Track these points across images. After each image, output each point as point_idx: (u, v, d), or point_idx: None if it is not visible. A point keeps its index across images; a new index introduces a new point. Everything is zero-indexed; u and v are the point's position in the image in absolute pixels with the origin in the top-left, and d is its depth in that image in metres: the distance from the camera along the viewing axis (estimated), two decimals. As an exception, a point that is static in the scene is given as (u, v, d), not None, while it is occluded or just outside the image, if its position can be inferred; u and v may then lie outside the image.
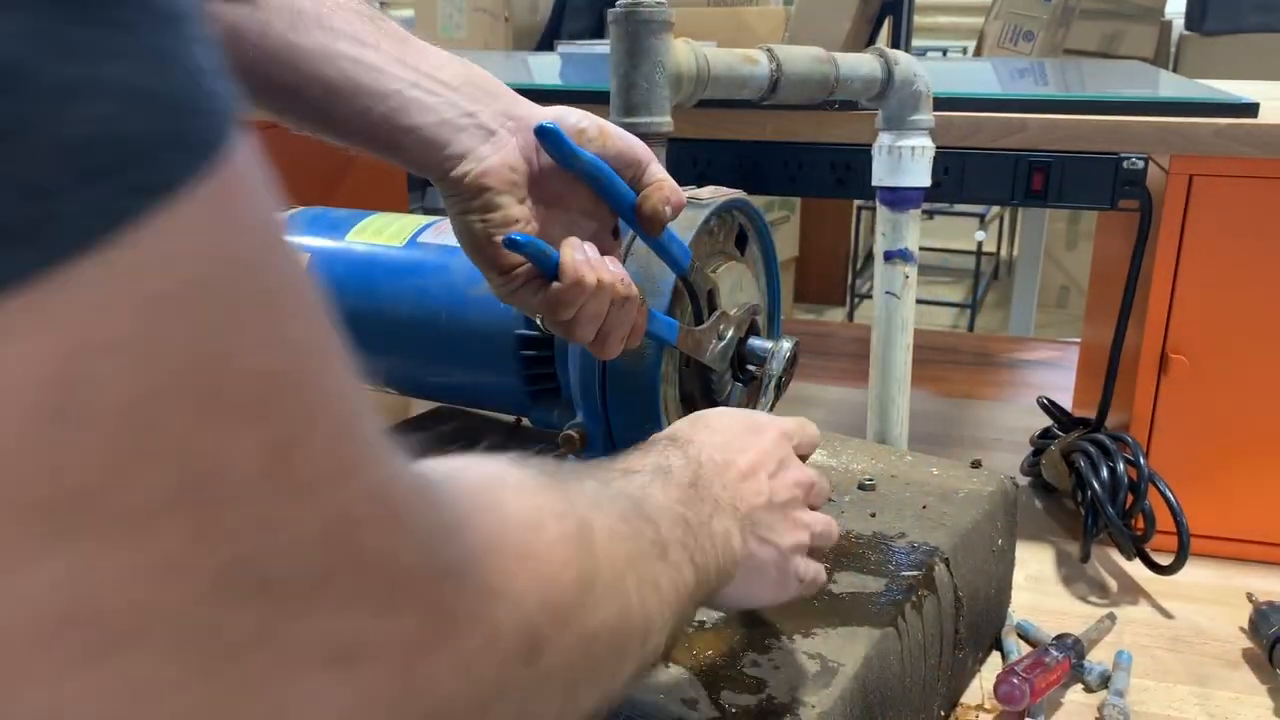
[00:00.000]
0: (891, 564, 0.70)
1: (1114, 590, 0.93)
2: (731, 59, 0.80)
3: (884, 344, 0.96)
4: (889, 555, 0.70)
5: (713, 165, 1.01)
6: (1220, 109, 0.90)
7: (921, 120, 0.89)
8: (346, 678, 0.23)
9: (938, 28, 4.21)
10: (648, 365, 0.70)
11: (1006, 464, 1.18)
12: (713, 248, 0.79)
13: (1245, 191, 0.90)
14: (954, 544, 0.72)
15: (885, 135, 0.90)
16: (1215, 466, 0.96)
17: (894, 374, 0.96)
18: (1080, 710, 0.78)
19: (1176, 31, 2.97)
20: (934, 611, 0.68)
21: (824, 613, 0.64)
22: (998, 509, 0.79)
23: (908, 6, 1.39)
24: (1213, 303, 0.92)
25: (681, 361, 0.74)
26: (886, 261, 0.94)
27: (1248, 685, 0.81)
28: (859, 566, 0.69)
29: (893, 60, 0.87)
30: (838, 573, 0.68)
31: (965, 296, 3.68)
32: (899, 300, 0.94)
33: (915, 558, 0.70)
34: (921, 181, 0.90)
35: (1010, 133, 0.93)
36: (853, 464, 0.84)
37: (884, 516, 0.76)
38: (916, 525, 0.74)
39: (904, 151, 0.89)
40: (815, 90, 0.84)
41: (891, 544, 0.72)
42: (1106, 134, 0.91)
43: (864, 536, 0.73)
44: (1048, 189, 0.94)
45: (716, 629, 0.61)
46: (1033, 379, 1.53)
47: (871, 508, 0.77)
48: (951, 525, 0.74)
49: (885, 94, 0.88)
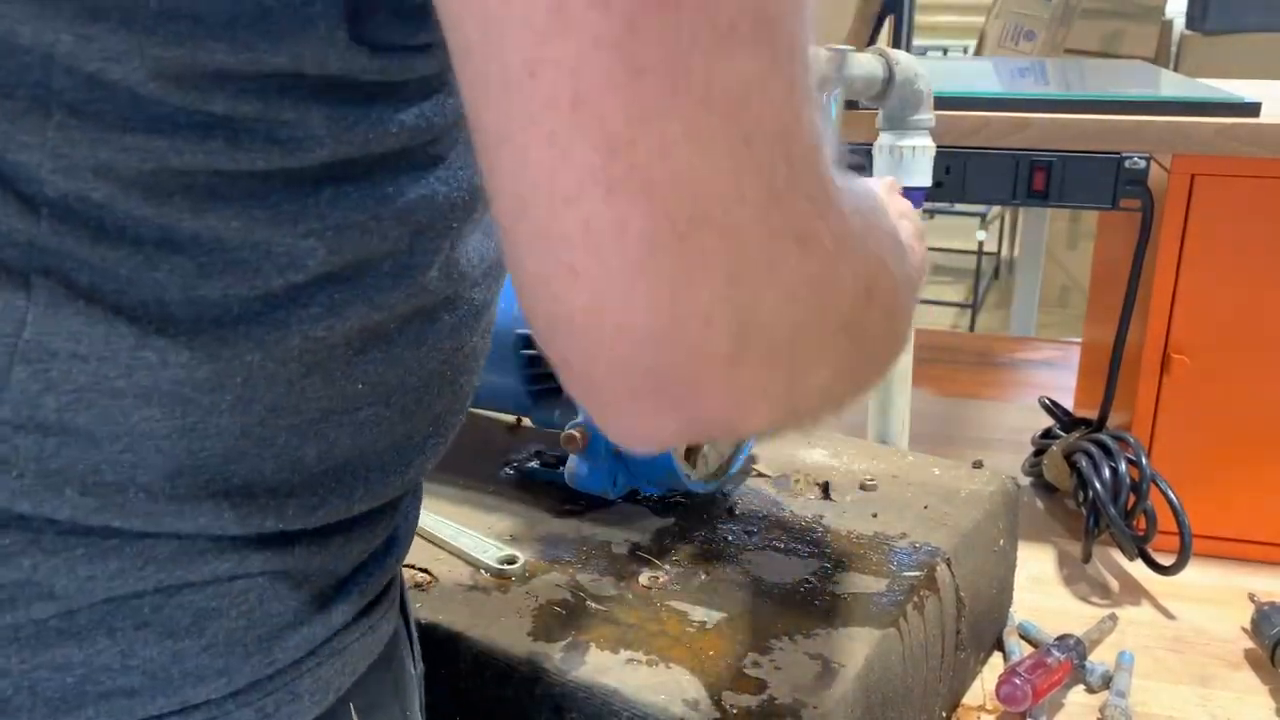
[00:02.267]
0: (893, 564, 0.69)
1: (1116, 591, 0.93)
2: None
3: None
4: (890, 555, 0.70)
5: (713, 165, 1.01)
6: (1222, 108, 0.90)
7: (922, 120, 0.89)
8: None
9: (938, 27, 4.20)
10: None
11: (1008, 464, 1.18)
12: None
13: (1247, 191, 0.90)
14: (955, 544, 0.71)
15: (886, 135, 0.90)
16: (1217, 466, 0.96)
17: (894, 374, 0.95)
18: (1082, 711, 0.77)
19: (1177, 31, 2.96)
20: (935, 612, 0.67)
21: (825, 613, 0.63)
22: (999, 509, 0.79)
23: (908, 6, 1.39)
24: (1214, 302, 0.92)
25: None
26: None
27: (1249, 685, 0.81)
28: (861, 567, 0.69)
29: (893, 60, 0.86)
30: (839, 573, 0.68)
31: (966, 296, 3.68)
32: None
33: (917, 558, 0.70)
34: (923, 181, 0.89)
35: (1012, 132, 0.93)
36: (854, 464, 0.83)
37: (885, 516, 0.75)
38: (918, 525, 0.74)
39: (905, 151, 0.89)
40: (821, 86, 0.83)
41: (893, 544, 0.71)
42: (1108, 133, 0.91)
43: (865, 537, 0.72)
44: (1049, 188, 0.94)
45: (718, 629, 0.61)
46: (1034, 379, 1.53)
47: (873, 508, 0.76)
48: (953, 526, 0.74)
49: (886, 93, 0.87)
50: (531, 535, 0.73)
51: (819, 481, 0.80)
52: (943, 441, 1.25)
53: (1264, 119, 0.89)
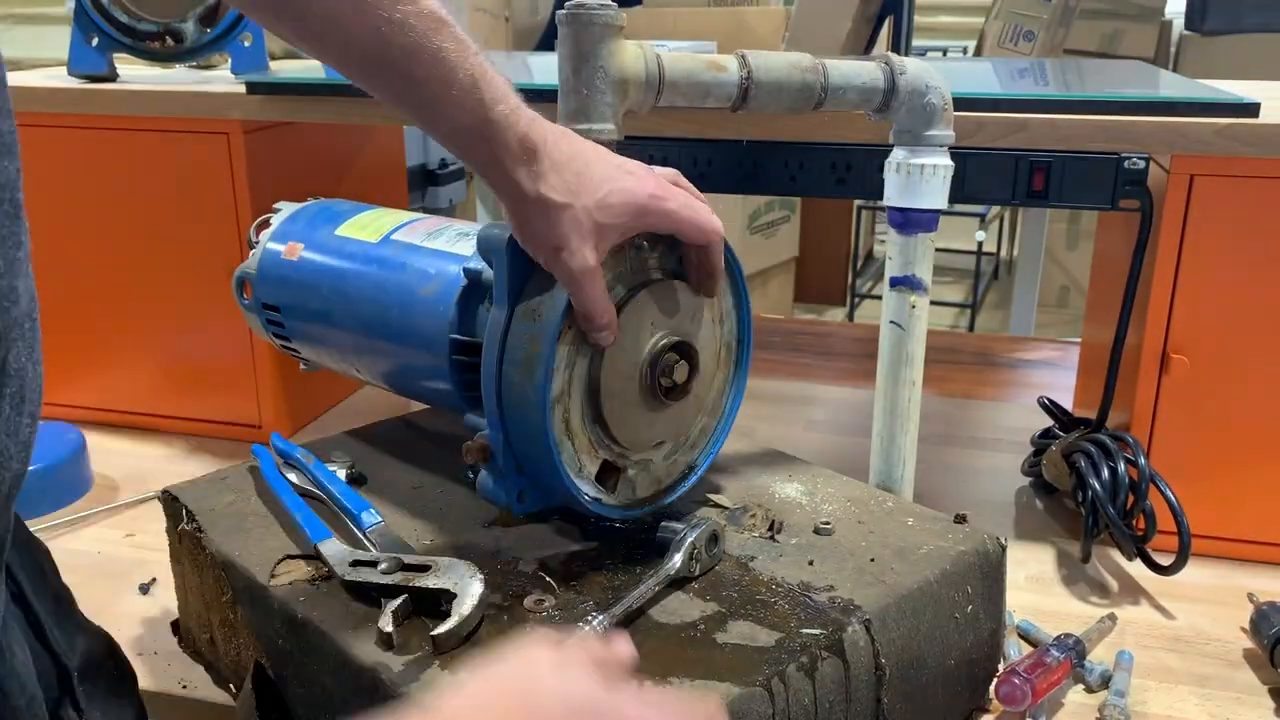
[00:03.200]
0: (797, 619, 0.63)
1: (1115, 590, 0.93)
2: (693, 65, 0.74)
3: (889, 378, 0.88)
4: (799, 609, 0.64)
5: (713, 165, 1.01)
6: (1221, 109, 0.90)
7: (938, 136, 0.82)
8: None
9: (938, 28, 4.21)
10: (536, 381, 0.64)
11: (1007, 464, 1.18)
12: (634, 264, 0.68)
13: (1246, 191, 0.90)
14: (885, 605, 0.64)
15: (898, 151, 0.83)
16: (1216, 466, 0.96)
17: (899, 411, 0.88)
18: (1081, 710, 0.78)
19: (1176, 31, 2.97)
20: (835, 677, 0.61)
21: (694, 661, 0.59)
22: (967, 571, 0.70)
23: (908, 6, 1.39)
24: (1214, 302, 0.92)
25: (588, 384, 0.67)
26: (892, 288, 0.86)
27: (1249, 685, 0.81)
28: (759, 616, 0.63)
29: (898, 69, 0.79)
30: (731, 621, 0.63)
31: (965, 296, 3.68)
32: (904, 332, 0.87)
33: (827, 615, 0.63)
34: (936, 204, 0.83)
35: (1011, 132, 0.93)
36: (825, 504, 0.77)
37: (822, 566, 0.69)
38: (852, 580, 0.67)
39: (918, 170, 0.82)
40: (795, 100, 0.77)
41: (811, 597, 0.65)
42: (1107, 134, 0.91)
43: (784, 586, 0.66)
44: (1048, 189, 0.94)
45: None
46: (1033, 379, 1.53)
47: (814, 555, 0.70)
48: (892, 584, 0.66)
49: (889, 105, 0.81)
50: (446, 542, 0.72)
51: (772, 519, 0.74)
52: (942, 441, 1.25)
53: (1263, 119, 0.89)
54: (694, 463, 0.76)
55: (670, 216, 0.64)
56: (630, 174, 0.64)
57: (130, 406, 1.25)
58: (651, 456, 0.73)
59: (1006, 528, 1.05)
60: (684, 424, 0.74)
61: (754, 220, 3.08)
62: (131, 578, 0.93)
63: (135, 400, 1.24)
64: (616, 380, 0.67)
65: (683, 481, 0.75)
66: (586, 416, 0.68)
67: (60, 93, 1.15)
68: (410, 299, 0.76)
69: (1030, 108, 0.93)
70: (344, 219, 0.86)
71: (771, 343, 1.67)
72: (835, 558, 0.69)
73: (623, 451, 0.70)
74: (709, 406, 0.76)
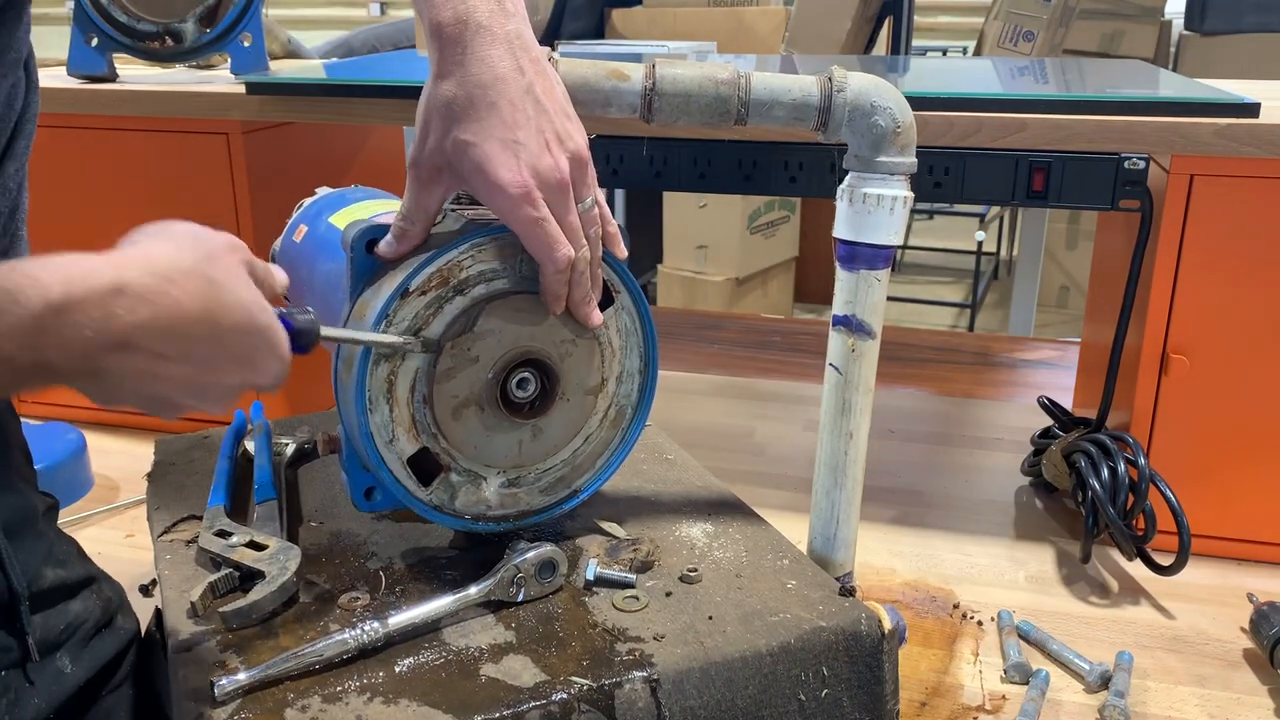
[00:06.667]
0: (579, 665, 0.58)
1: (1114, 590, 0.93)
2: (592, 73, 0.68)
3: (827, 428, 0.75)
4: (590, 654, 0.59)
5: (713, 165, 1.01)
6: (1221, 109, 0.90)
7: (891, 163, 0.69)
8: None
9: (938, 28, 4.21)
10: (355, 372, 0.62)
11: (1007, 464, 1.18)
12: (528, 269, 0.64)
13: (1246, 191, 0.90)
14: (688, 668, 0.57)
15: (851, 176, 0.72)
16: (1216, 466, 0.96)
17: (836, 465, 0.75)
18: (1081, 710, 0.78)
19: (1176, 31, 2.97)
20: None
21: (438, 685, 0.56)
22: (826, 650, 0.60)
23: (908, 6, 1.39)
24: (1214, 302, 0.92)
25: (427, 378, 0.63)
26: (834, 327, 0.74)
27: (1248, 685, 0.81)
28: (542, 655, 0.58)
29: (838, 85, 0.69)
30: (512, 654, 0.58)
31: (965, 296, 3.68)
32: (842, 377, 0.73)
33: (609, 670, 0.57)
34: (887, 239, 0.70)
35: (1011, 132, 0.93)
36: (718, 550, 0.69)
37: (651, 615, 0.62)
38: (673, 635, 0.60)
39: (868, 199, 0.70)
40: (709, 114, 0.70)
41: (611, 647, 0.59)
42: (1107, 134, 0.91)
43: (599, 628, 0.61)
44: (1048, 189, 0.94)
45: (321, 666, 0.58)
46: (1033, 379, 1.53)
47: (660, 602, 0.63)
48: (710, 647, 0.59)
49: (826, 125, 0.70)
50: (328, 528, 0.72)
51: (644, 559, 0.68)
52: (941, 441, 1.25)
53: (1263, 119, 0.89)
54: (539, 508, 0.70)
55: (511, 216, 0.60)
56: (520, 145, 0.58)
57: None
58: (485, 475, 0.68)
59: (1006, 528, 1.05)
60: (530, 459, 0.69)
61: (754, 220, 3.08)
62: (132, 578, 0.93)
63: (135, 400, 1.24)
64: (461, 368, 0.64)
65: (560, 504, 0.71)
66: (418, 393, 0.64)
67: (60, 93, 1.16)
68: (333, 286, 0.75)
69: (1030, 108, 0.94)
70: (347, 204, 0.87)
71: (771, 343, 1.67)
72: (676, 609, 0.63)
73: (449, 450, 0.66)
74: (577, 459, 0.70)
